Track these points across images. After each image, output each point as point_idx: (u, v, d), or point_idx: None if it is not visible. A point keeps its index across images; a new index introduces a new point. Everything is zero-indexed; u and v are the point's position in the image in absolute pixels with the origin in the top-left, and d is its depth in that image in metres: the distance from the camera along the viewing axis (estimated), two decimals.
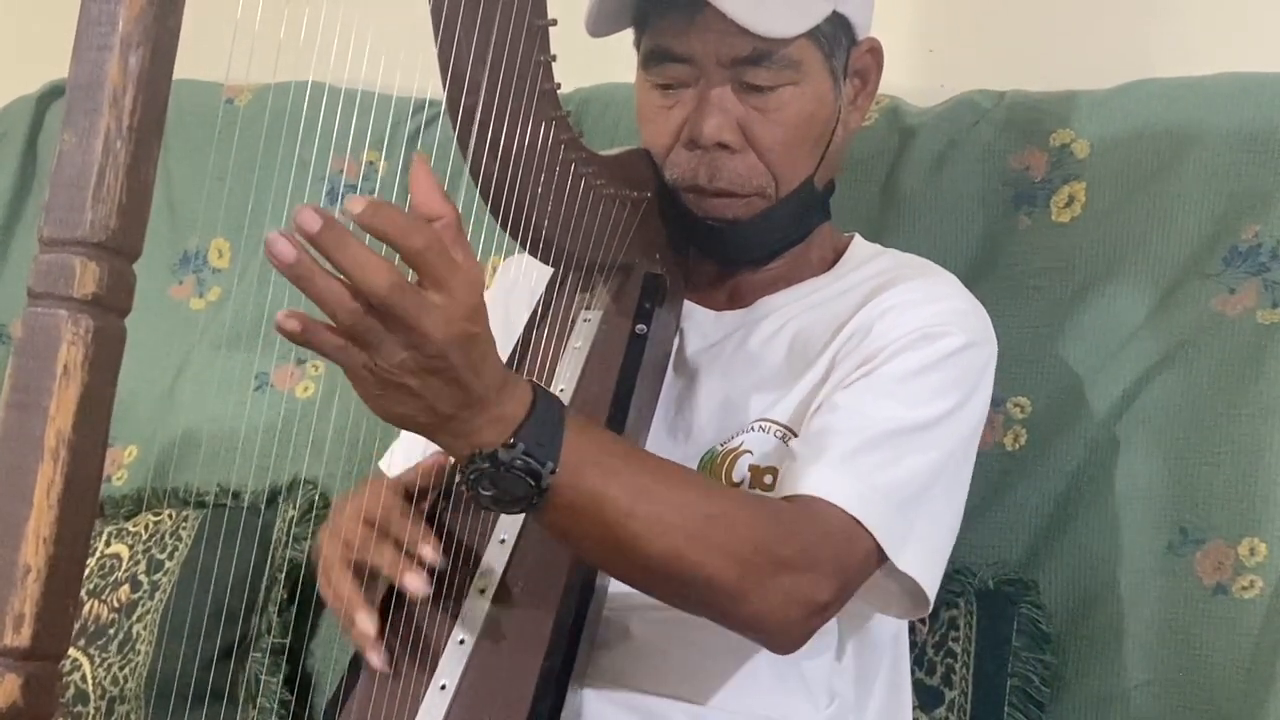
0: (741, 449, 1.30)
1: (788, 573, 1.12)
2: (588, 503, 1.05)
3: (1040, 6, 1.86)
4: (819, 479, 1.18)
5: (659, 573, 1.10)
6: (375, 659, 1.13)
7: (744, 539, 1.11)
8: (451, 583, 1.16)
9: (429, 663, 1.13)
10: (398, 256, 0.92)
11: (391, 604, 1.16)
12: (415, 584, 1.11)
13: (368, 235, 0.91)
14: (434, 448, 1.09)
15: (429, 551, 1.12)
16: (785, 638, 1.17)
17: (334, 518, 1.22)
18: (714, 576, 1.10)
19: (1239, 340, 1.54)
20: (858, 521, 1.17)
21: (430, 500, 1.18)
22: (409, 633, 1.14)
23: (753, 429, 1.30)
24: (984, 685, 1.54)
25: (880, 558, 1.19)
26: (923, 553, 1.22)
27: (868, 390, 1.24)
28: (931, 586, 1.23)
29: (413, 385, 0.95)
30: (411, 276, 0.93)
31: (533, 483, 1.01)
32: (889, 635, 1.35)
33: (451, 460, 1.20)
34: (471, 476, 1.01)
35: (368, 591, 1.15)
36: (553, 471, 1.02)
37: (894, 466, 1.20)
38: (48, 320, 0.75)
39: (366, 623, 1.12)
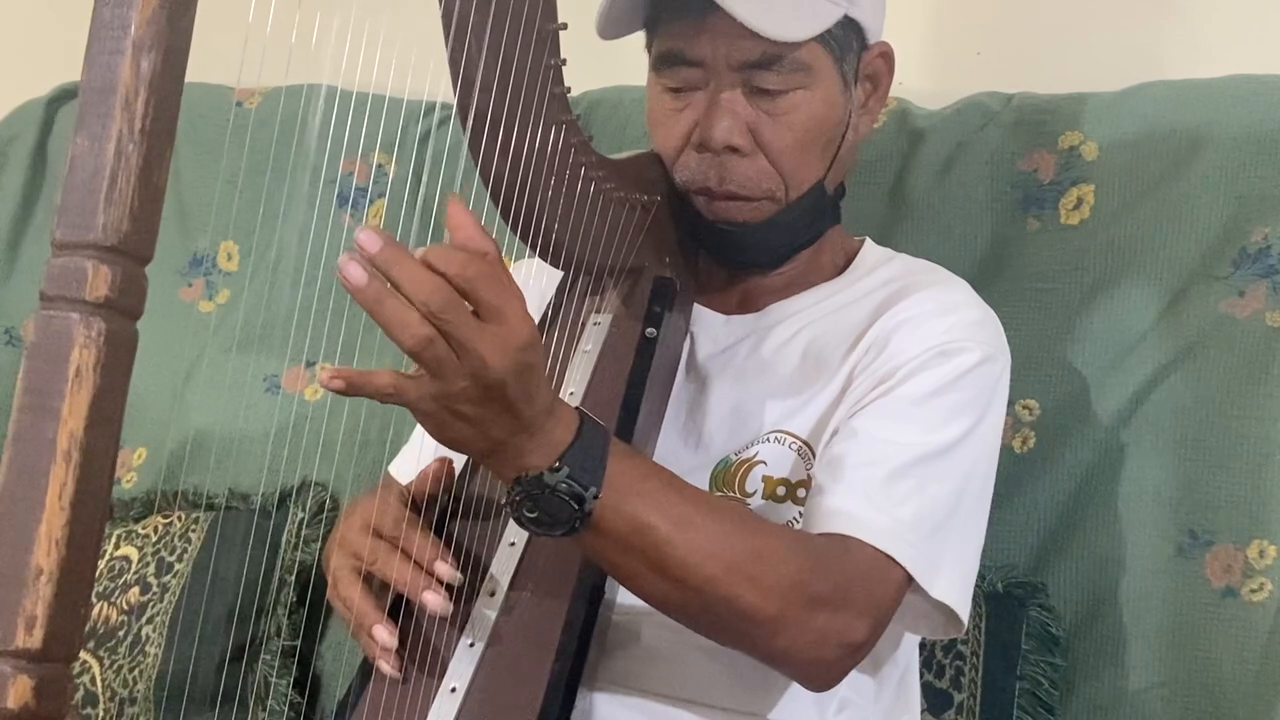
0: (756, 459, 1.30)
1: (823, 610, 1.14)
2: (628, 528, 1.07)
3: (1049, 9, 1.86)
4: (849, 516, 1.19)
5: (696, 601, 1.11)
6: (389, 668, 1.13)
7: (781, 574, 1.12)
8: (461, 585, 1.16)
9: (439, 665, 1.13)
10: None
11: (401, 607, 1.16)
12: (435, 602, 1.12)
13: None
14: (443, 451, 1.09)
15: (445, 569, 1.13)
16: (821, 676, 1.18)
17: (342, 527, 1.23)
18: (750, 608, 1.11)
19: (1248, 343, 1.54)
20: (890, 557, 1.18)
21: (439, 505, 1.19)
22: (419, 635, 1.14)
23: (768, 440, 1.30)
24: (993, 688, 1.54)
25: (911, 584, 1.20)
26: (954, 577, 1.23)
27: (887, 414, 1.24)
28: (965, 609, 1.24)
29: (469, 412, 0.98)
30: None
31: (576, 506, 1.03)
32: (905, 644, 1.35)
33: (459, 464, 1.21)
34: (516, 498, 1.04)
35: (379, 600, 1.16)
36: (595, 496, 1.04)
37: (920, 496, 1.21)
38: (60, 323, 0.75)
39: (385, 636, 1.13)
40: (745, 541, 1.12)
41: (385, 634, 1.13)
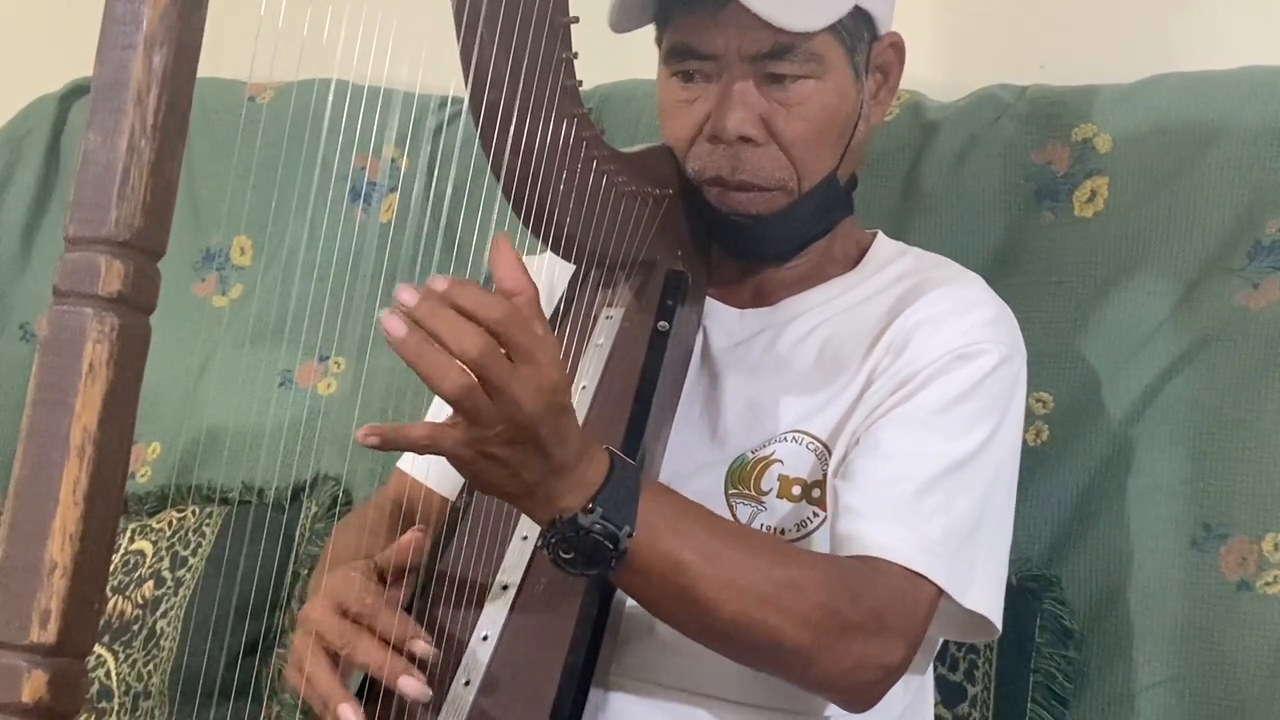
0: (773, 458, 1.30)
1: (859, 636, 1.15)
2: (663, 565, 1.09)
3: (1062, 0, 1.85)
4: (878, 537, 1.19)
5: (731, 635, 1.13)
6: None
7: (814, 603, 1.13)
8: (475, 579, 1.16)
9: (453, 658, 1.13)
10: None
11: (413, 603, 1.16)
12: (414, 688, 1.08)
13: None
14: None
15: (421, 646, 1.10)
16: (860, 700, 1.20)
17: (306, 606, 1.18)
18: (785, 640, 1.12)
19: (1262, 335, 1.53)
20: (922, 576, 1.19)
21: (408, 590, 1.17)
22: (434, 628, 1.14)
23: (785, 439, 1.30)
24: (1007, 681, 1.54)
25: (942, 594, 1.21)
26: (986, 586, 1.24)
27: (908, 423, 1.25)
28: (997, 614, 1.25)
29: (504, 456, 1.00)
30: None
31: (611, 546, 1.05)
32: (926, 642, 1.35)
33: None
34: (552, 541, 1.05)
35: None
36: (630, 535, 1.06)
37: (947, 511, 1.22)
38: (73, 318, 0.75)
39: (349, 714, 1.09)
40: (777, 573, 1.13)
41: (351, 715, 1.09)
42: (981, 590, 1.23)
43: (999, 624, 1.26)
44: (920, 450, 1.24)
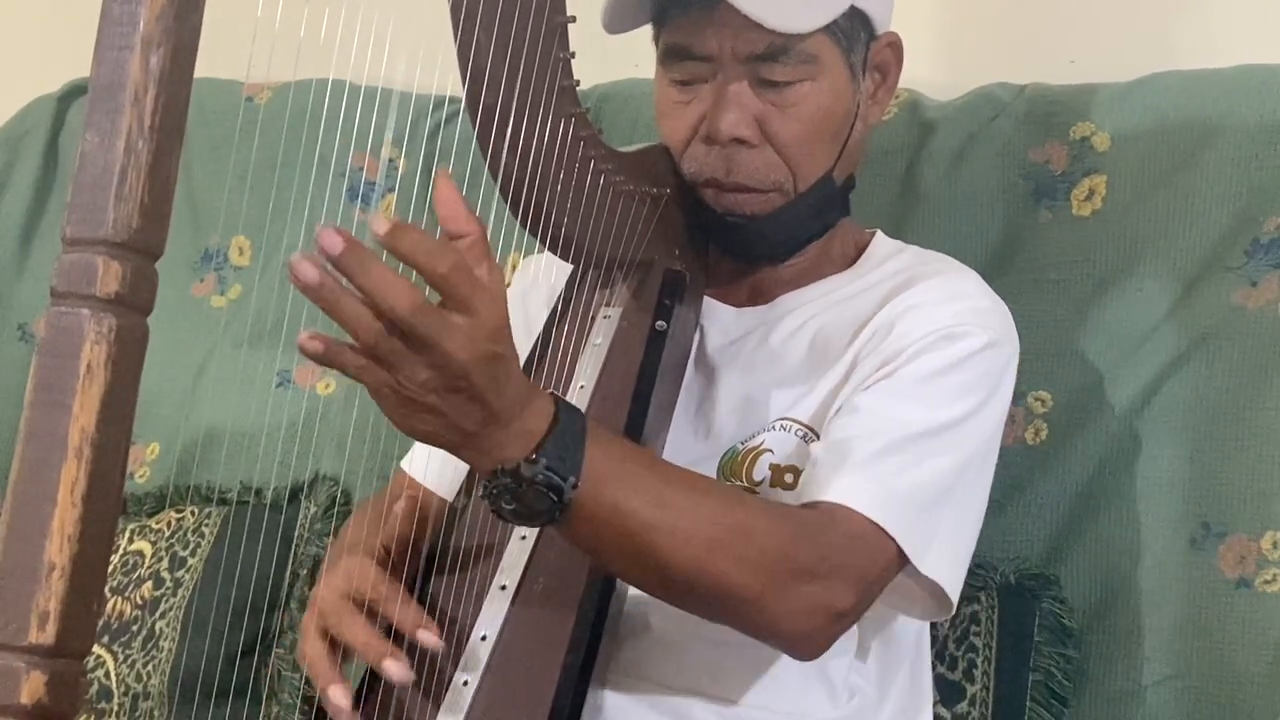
0: (762, 448, 1.30)
1: (809, 581, 1.13)
2: (609, 515, 1.06)
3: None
4: (840, 485, 1.18)
5: (681, 583, 1.11)
6: None
7: (765, 548, 1.12)
8: (474, 579, 1.16)
9: (451, 658, 1.13)
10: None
11: (413, 597, 1.17)
12: (397, 672, 1.09)
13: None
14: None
15: (425, 635, 1.11)
16: (808, 645, 1.17)
17: (319, 586, 1.20)
18: (735, 586, 1.10)
19: (1261, 333, 1.54)
20: (880, 527, 1.17)
21: (428, 547, 1.18)
22: (431, 629, 1.14)
23: (774, 428, 1.30)
24: (1006, 680, 1.54)
25: (902, 561, 1.19)
26: (946, 556, 1.22)
27: (888, 392, 1.24)
28: (954, 588, 1.23)
29: (436, 404, 0.95)
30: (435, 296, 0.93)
31: (555, 497, 1.02)
32: (911, 632, 1.35)
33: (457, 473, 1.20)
34: (494, 492, 1.02)
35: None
36: (574, 486, 1.02)
37: (915, 470, 1.20)
38: (71, 319, 0.75)
39: (340, 698, 1.11)
40: (727, 518, 1.11)
41: (339, 695, 1.11)
42: (939, 557, 1.21)
43: (954, 599, 1.23)
44: (897, 414, 1.22)
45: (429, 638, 1.11)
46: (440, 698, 1.11)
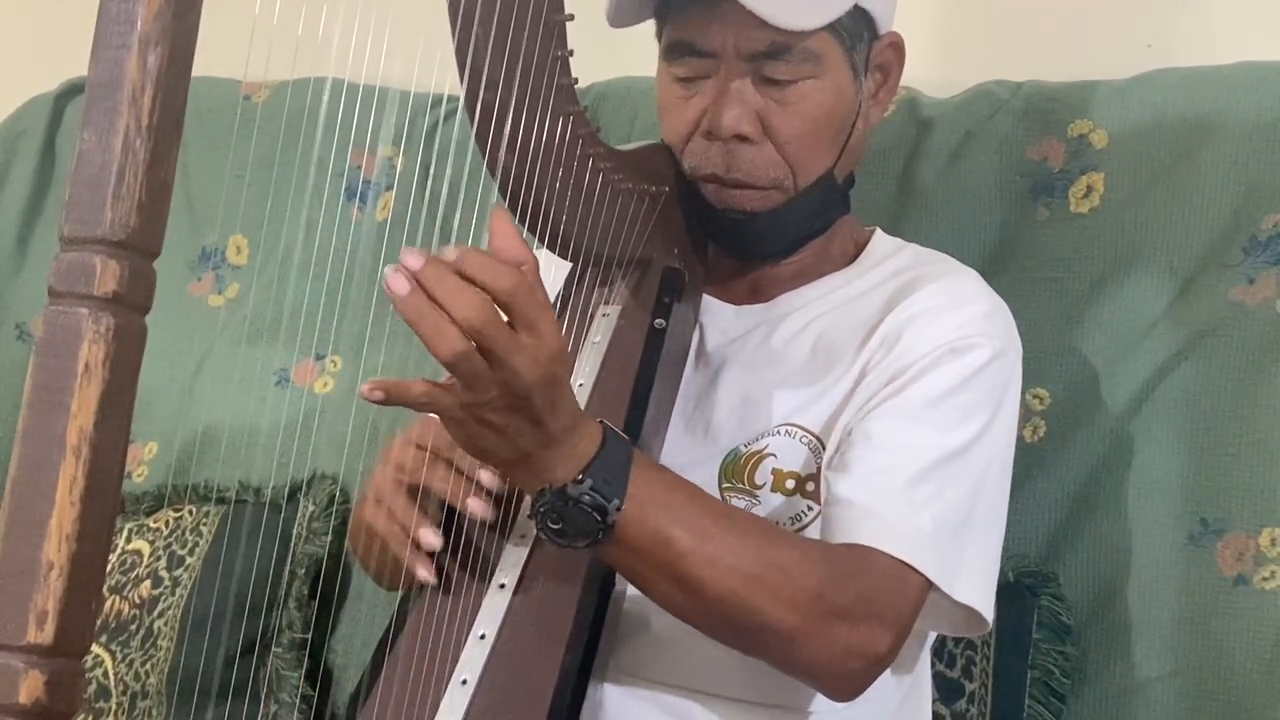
0: (766, 451, 1.30)
1: (846, 622, 1.15)
2: (651, 541, 1.09)
3: None
4: (869, 526, 1.19)
5: (717, 614, 1.13)
6: (425, 575, 1.14)
7: (802, 586, 1.13)
8: (473, 577, 1.16)
9: (450, 656, 1.13)
10: None
11: (409, 607, 1.16)
12: (478, 507, 1.14)
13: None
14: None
15: (488, 476, 1.14)
16: (847, 686, 1.19)
17: (389, 448, 1.23)
18: (770, 622, 1.12)
19: (1259, 330, 1.54)
20: (911, 566, 1.18)
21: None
22: (430, 626, 1.15)
23: (778, 432, 1.30)
24: (1005, 677, 1.54)
25: (931, 586, 1.20)
26: (976, 579, 1.24)
27: (900, 415, 1.25)
28: (988, 608, 1.24)
29: (499, 423, 1.01)
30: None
31: (599, 518, 1.06)
32: (917, 637, 1.35)
33: None
34: (541, 510, 1.06)
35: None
36: (619, 508, 1.06)
37: (938, 501, 1.22)
38: (69, 319, 0.75)
39: (432, 537, 1.14)
40: (766, 554, 1.13)
41: (430, 535, 1.14)
42: (971, 582, 1.23)
43: (989, 618, 1.25)
44: (912, 442, 1.23)
45: (488, 476, 1.14)
46: (440, 696, 1.11)
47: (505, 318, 0.98)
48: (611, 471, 1.06)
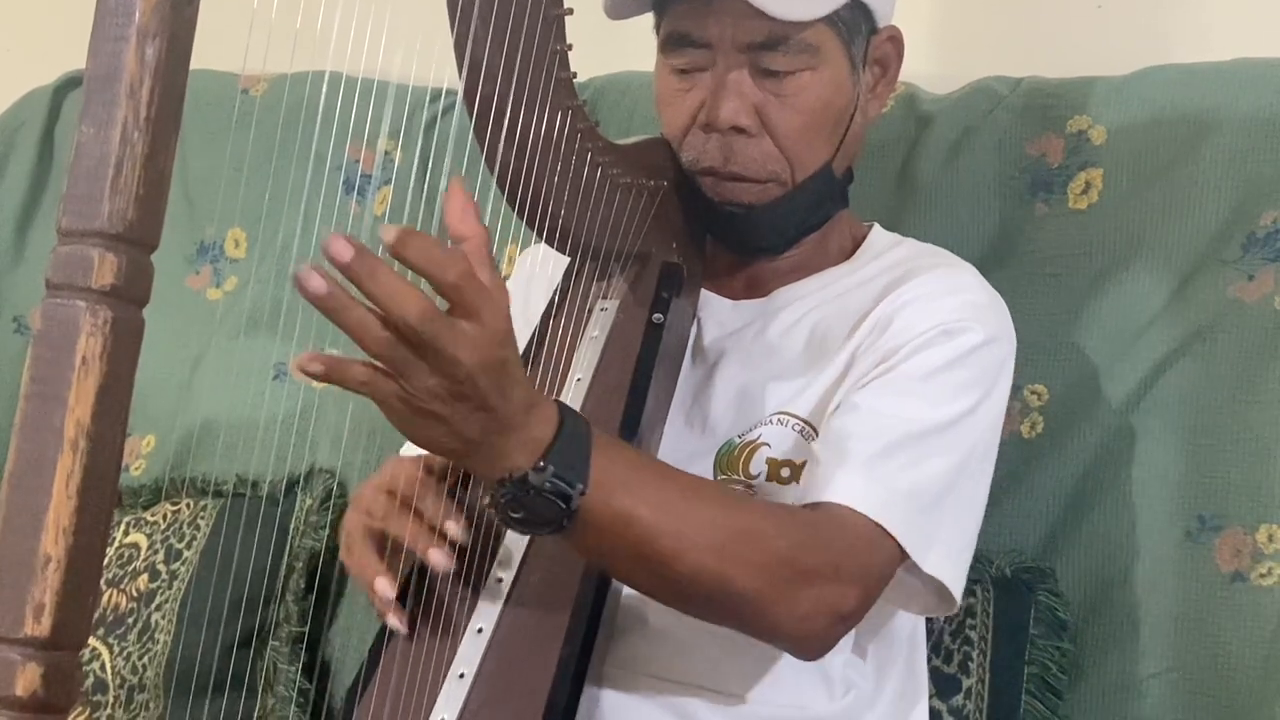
0: (759, 441, 1.30)
1: (813, 583, 1.13)
2: (616, 522, 1.05)
3: None
4: (842, 486, 1.18)
5: (687, 589, 1.11)
6: (396, 623, 1.14)
7: (770, 551, 1.12)
8: (470, 571, 1.16)
9: (447, 651, 1.13)
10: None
11: (409, 593, 1.16)
12: (438, 560, 1.11)
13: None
14: None
15: (454, 528, 1.12)
16: (812, 646, 1.18)
17: (361, 488, 1.22)
18: (740, 590, 1.11)
19: (1257, 327, 1.54)
20: (882, 528, 1.17)
21: (405, 571, 1.18)
22: (427, 621, 1.15)
23: (771, 421, 1.30)
24: (1001, 673, 1.54)
25: (903, 559, 1.20)
26: (948, 554, 1.23)
27: (888, 389, 1.24)
28: (957, 586, 1.24)
29: (441, 411, 0.95)
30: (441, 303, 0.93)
31: (563, 505, 1.01)
32: (907, 627, 1.36)
33: None
34: (502, 500, 1.01)
35: (390, 567, 1.15)
36: (582, 493, 1.02)
37: (916, 469, 1.21)
38: (66, 311, 0.75)
39: (386, 588, 1.13)
40: (733, 523, 1.12)
41: (386, 586, 1.13)
42: (941, 557, 1.22)
43: (958, 597, 1.24)
44: (897, 412, 1.23)
45: (454, 529, 1.12)
46: (438, 690, 1.11)
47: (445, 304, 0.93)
48: (573, 455, 1.02)
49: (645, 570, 1.10)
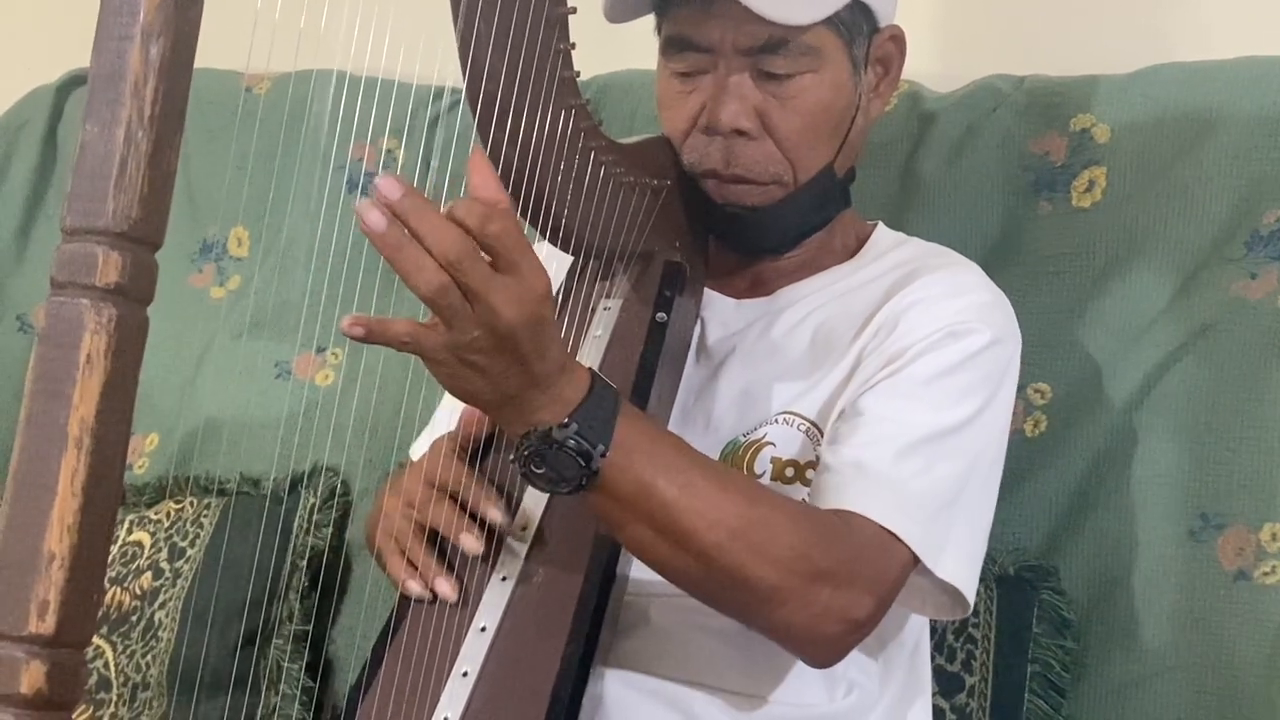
0: (765, 440, 1.30)
1: (827, 585, 1.13)
2: (635, 489, 1.07)
3: None
4: (852, 492, 1.19)
5: (698, 567, 1.11)
6: (449, 590, 1.16)
7: (785, 544, 1.12)
8: (474, 569, 1.16)
9: (451, 649, 1.13)
10: None
11: (412, 594, 1.17)
12: (470, 543, 1.15)
13: None
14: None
15: (495, 513, 1.16)
16: (825, 650, 1.18)
17: (397, 478, 1.26)
18: (752, 578, 1.11)
19: (1260, 325, 1.54)
20: (894, 534, 1.18)
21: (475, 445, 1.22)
22: (430, 620, 1.15)
23: (776, 421, 1.30)
24: (1005, 671, 1.54)
25: (916, 564, 1.20)
26: (961, 558, 1.23)
27: (895, 393, 1.24)
28: (970, 589, 1.24)
29: (482, 363, 0.99)
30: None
31: (583, 463, 1.04)
32: (913, 628, 1.35)
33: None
34: (525, 453, 1.04)
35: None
36: (603, 454, 1.05)
37: (927, 475, 1.21)
38: (71, 309, 0.75)
39: (449, 593, 1.16)
40: (751, 510, 1.12)
41: (448, 589, 1.16)
42: (954, 561, 1.22)
43: (971, 600, 1.24)
44: (905, 417, 1.23)
45: (495, 514, 1.16)
46: (441, 688, 1.11)
47: (487, 259, 0.97)
48: (598, 417, 1.05)
49: (659, 542, 1.10)
